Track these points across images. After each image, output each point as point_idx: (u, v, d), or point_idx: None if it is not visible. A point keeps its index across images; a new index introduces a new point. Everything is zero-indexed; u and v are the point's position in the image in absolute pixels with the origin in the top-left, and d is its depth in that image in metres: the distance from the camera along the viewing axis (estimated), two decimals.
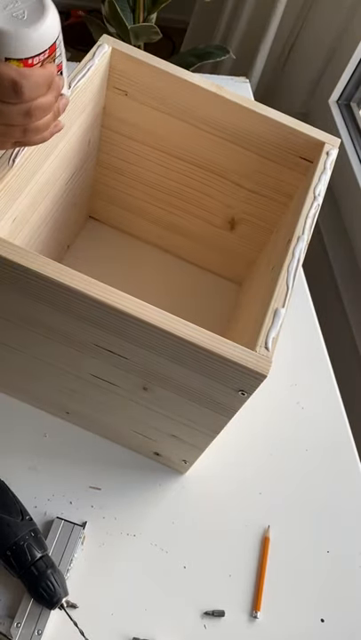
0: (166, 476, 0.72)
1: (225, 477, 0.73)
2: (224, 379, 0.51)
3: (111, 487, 0.70)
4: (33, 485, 0.67)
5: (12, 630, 0.57)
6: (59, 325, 0.54)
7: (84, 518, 0.66)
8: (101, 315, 0.50)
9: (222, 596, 0.65)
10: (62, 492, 0.68)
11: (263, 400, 0.75)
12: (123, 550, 0.66)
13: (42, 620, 0.58)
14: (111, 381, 0.59)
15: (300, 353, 0.86)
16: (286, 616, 0.66)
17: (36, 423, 0.72)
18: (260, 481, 0.74)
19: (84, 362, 0.58)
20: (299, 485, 0.75)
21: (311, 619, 0.66)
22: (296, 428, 0.80)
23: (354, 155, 1.46)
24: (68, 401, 0.68)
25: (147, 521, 0.68)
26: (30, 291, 0.51)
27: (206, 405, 0.56)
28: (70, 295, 0.49)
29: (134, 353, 0.53)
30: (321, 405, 0.82)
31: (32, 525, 0.61)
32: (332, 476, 0.77)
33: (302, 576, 0.69)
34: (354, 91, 1.59)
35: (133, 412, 0.63)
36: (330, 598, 0.68)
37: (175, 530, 0.68)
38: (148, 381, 0.56)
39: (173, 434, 0.64)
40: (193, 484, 0.72)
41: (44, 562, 0.59)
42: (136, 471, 0.71)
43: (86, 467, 0.70)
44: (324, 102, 1.62)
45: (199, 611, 0.64)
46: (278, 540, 0.70)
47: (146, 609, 0.63)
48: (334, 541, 0.72)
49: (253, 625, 0.64)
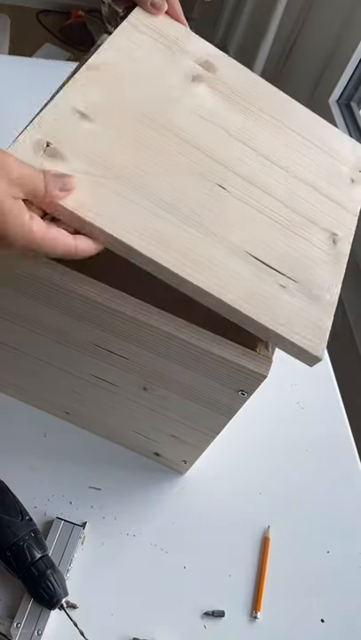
0: (166, 476, 0.72)
1: (225, 477, 0.73)
2: (224, 379, 0.51)
3: (111, 487, 0.69)
4: (33, 485, 0.67)
5: (12, 630, 0.57)
6: (59, 326, 0.54)
7: (84, 518, 0.66)
8: (101, 315, 0.50)
9: (222, 596, 0.65)
10: (62, 492, 0.68)
11: (263, 400, 0.75)
12: (123, 550, 0.66)
13: (42, 620, 0.58)
14: (111, 381, 0.59)
15: None
16: (286, 616, 0.66)
17: (36, 423, 0.72)
18: (260, 481, 0.74)
19: (83, 362, 0.58)
20: (299, 485, 0.75)
21: (311, 619, 0.66)
22: (296, 427, 0.80)
23: None
24: (68, 401, 0.68)
25: (147, 521, 0.68)
26: (30, 291, 0.51)
27: (206, 405, 0.56)
28: (70, 296, 0.49)
29: (134, 353, 0.53)
30: (321, 405, 0.82)
31: (32, 526, 0.61)
32: (332, 475, 0.77)
33: (302, 576, 0.68)
34: (354, 91, 1.59)
35: (133, 412, 0.63)
36: (330, 598, 0.68)
37: (175, 530, 0.68)
38: (148, 381, 0.56)
39: (173, 434, 0.64)
40: (193, 485, 0.72)
41: (44, 562, 0.59)
42: (136, 471, 0.71)
43: (86, 467, 0.70)
44: (325, 102, 1.62)
45: (199, 611, 0.64)
46: (278, 540, 0.70)
47: (146, 609, 0.63)
48: (334, 541, 0.72)
49: (253, 625, 0.64)
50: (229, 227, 0.51)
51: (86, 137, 0.49)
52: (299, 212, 0.56)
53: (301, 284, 0.51)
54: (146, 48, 0.59)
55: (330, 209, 0.58)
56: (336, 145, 0.65)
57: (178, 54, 0.61)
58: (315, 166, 0.61)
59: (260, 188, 0.55)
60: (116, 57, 0.56)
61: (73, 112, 0.50)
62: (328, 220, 0.57)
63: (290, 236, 0.54)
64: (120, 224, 0.46)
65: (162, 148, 0.53)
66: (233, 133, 0.58)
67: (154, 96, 0.56)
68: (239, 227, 0.52)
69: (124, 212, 0.47)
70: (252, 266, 0.50)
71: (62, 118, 0.49)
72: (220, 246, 0.49)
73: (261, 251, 0.51)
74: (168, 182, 0.51)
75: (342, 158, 0.64)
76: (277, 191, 0.56)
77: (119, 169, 0.49)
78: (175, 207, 0.50)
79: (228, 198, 0.53)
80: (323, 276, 0.53)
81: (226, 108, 0.60)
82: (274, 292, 0.49)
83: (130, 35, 0.59)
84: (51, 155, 0.47)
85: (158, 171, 0.51)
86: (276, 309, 0.48)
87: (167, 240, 0.47)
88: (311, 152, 0.62)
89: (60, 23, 2.64)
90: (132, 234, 0.46)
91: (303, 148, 0.62)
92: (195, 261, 0.47)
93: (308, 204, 0.57)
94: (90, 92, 0.52)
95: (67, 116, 0.50)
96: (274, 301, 0.48)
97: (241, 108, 0.61)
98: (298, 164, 0.60)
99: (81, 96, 0.51)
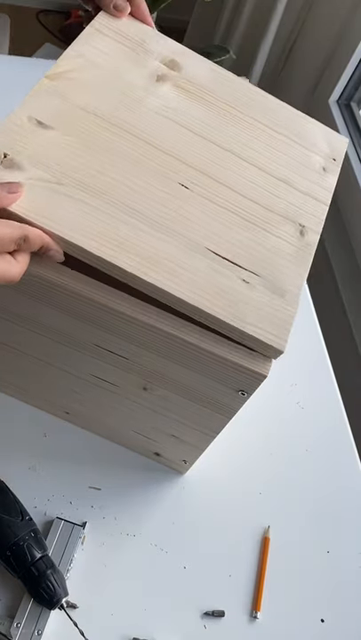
0: (166, 476, 0.72)
1: (225, 477, 0.73)
2: (224, 379, 0.51)
3: (111, 487, 0.69)
4: (33, 485, 0.67)
5: (12, 630, 0.57)
6: (59, 326, 0.54)
7: (83, 518, 0.66)
8: (101, 315, 0.50)
9: (222, 596, 0.65)
10: (62, 492, 0.68)
11: (263, 400, 0.75)
12: (123, 550, 0.66)
13: (42, 620, 0.58)
14: (111, 381, 0.59)
15: (300, 353, 0.86)
16: (286, 616, 0.66)
17: (36, 423, 0.72)
18: (260, 481, 0.74)
19: (84, 362, 0.58)
20: (299, 485, 0.75)
21: (311, 619, 0.66)
22: (296, 427, 0.80)
23: (354, 155, 1.46)
24: (68, 401, 0.68)
25: (147, 521, 0.68)
26: (30, 291, 0.51)
27: (206, 405, 0.56)
28: (70, 296, 0.49)
29: (134, 353, 0.53)
30: (321, 405, 0.82)
31: (32, 526, 0.61)
32: (332, 476, 0.77)
33: (302, 576, 0.69)
34: (354, 91, 1.59)
35: (133, 412, 0.63)
36: (330, 598, 0.68)
37: (175, 530, 0.68)
38: (148, 381, 0.56)
39: (173, 434, 0.64)
40: (193, 484, 0.72)
41: (44, 562, 0.59)
42: (136, 471, 0.71)
43: (86, 467, 0.70)
44: (324, 102, 1.62)
45: (199, 611, 0.64)
46: (278, 540, 0.70)
47: (146, 609, 0.63)
48: (334, 541, 0.72)
49: (253, 625, 0.64)
50: (191, 225, 0.51)
51: (44, 145, 0.50)
52: (265, 205, 0.56)
53: (264, 277, 0.51)
54: (109, 52, 0.59)
55: (298, 200, 0.58)
56: (309, 135, 0.65)
57: (142, 55, 0.61)
58: (285, 158, 0.61)
59: (224, 185, 0.55)
60: (77, 63, 0.57)
61: (31, 121, 0.51)
62: (296, 212, 0.57)
63: (255, 230, 0.54)
64: (73, 227, 0.47)
65: (122, 151, 0.53)
66: (198, 131, 0.58)
67: (116, 99, 0.56)
68: (201, 224, 0.52)
69: (80, 216, 0.48)
70: (211, 261, 0.50)
71: (20, 129, 0.50)
72: (179, 244, 0.50)
73: (223, 246, 0.51)
74: (128, 184, 0.51)
75: (316, 148, 0.64)
76: (243, 186, 0.56)
77: (77, 174, 0.50)
78: (134, 208, 0.50)
79: (190, 197, 0.53)
80: (288, 268, 0.53)
81: (191, 106, 0.59)
82: (235, 287, 0.49)
83: (93, 40, 0.59)
84: (8, 166, 0.48)
85: (118, 173, 0.51)
86: (237, 303, 0.48)
87: (124, 240, 0.48)
88: (282, 144, 0.62)
89: (60, 23, 2.64)
90: (86, 236, 0.47)
91: (273, 140, 0.62)
92: (152, 260, 0.48)
93: (276, 197, 0.57)
94: (49, 100, 0.53)
95: (25, 126, 0.51)
96: (235, 296, 0.49)
97: (207, 105, 0.60)
98: (266, 157, 0.60)
99: (40, 105, 0.52)
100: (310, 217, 0.57)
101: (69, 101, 0.54)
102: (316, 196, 0.59)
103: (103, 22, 0.61)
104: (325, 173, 0.62)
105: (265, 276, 0.51)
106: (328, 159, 0.63)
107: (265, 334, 0.48)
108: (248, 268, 0.51)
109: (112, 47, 0.60)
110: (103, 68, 0.58)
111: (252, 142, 0.60)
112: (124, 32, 0.61)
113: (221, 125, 0.60)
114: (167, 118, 0.57)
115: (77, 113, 0.54)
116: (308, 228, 0.56)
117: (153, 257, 0.48)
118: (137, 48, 0.61)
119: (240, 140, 0.59)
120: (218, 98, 0.62)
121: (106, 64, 0.58)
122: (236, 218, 0.54)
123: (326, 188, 0.61)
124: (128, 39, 0.61)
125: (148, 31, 0.63)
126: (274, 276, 0.51)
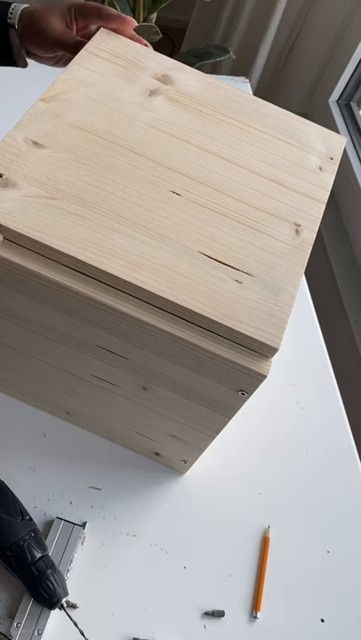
0: (166, 476, 0.72)
1: (225, 477, 0.73)
2: (224, 379, 0.51)
3: (111, 487, 0.70)
4: (33, 485, 0.67)
5: (12, 630, 0.57)
6: (59, 326, 0.55)
7: (84, 518, 0.66)
8: (102, 315, 0.50)
9: (222, 596, 0.65)
10: (62, 492, 0.68)
11: (263, 400, 0.75)
12: (123, 550, 0.66)
13: (42, 620, 0.58)
14: (111, 381, 0.59)
15: (300, 353, 0.86)
16: (286, 616, 0.66)
17: (36, 423, 0.72)
18: (260, 481, 0.74)
19: (84, 362, 0.58)
20: (299, 485, 0.75)
21: (311, 619, 0.66)
22: (296, 427, 0.80)
23: (354, 155, 1.46)
24: (68, 401, 0.68)
25: (147, 521, 0.68)
26: (30, 291, 0.51)
27: (206, 405, 0.56)
28: (71, 296, 0.49)
29: (134, 353, 0.53)
30: (321, 405, 0.82)
31: (32, 525, 0.61)
32: (332, 475, 0.77)
33: (302, 576, 0.69)
34: (354, 91, 1.59)
35: (134, 413, 0.63)
36: (330, 598, 0.68)
37: (175, 530, 0.68)
38: (148, 381, 0.57)
39: (173, 434, 0.64)
40: (193, 484, 0.72)
41: (44, 562, 0.59)
42: (136, 471, 0.71)
43: (86, 467, 0.70)
44: (325, 102, 1.62)
45: (199, 611, 0.64)
46: (278, 540, 0.70)
47: (146, 609, 0.63)
48: (334, 541, 0.72)
49: (253, 625, 0.64)
50: (183, 230, 0.52)
51: (39, 163, 0.52)
52: (258, 207, 0.57)
53: (258, 276, 0.51)
54: (103, 72, 0.61)
55: (294, 200, 0.59)
56: (304, 136, 0.65)
57: (136, 73, 0.63)
58: (278, 159, 0.61)
59: (216, 189, 0.56)
60: (72, 85, 0.59)
61: (26, 142, 0.53)
62: (291, 212, 0.57)
63: (249, 232, 0.54)
64: (67, 238, 0.48)
65: (114, 164, 0.55)
66: (189, 139, 0.59)
67: (109, 116, 0.58)
68: (193, 229, 0.53)
69: (74, 227, 0.49)
70: (205, 265, 0.51)
71: (16, 149, 0.53)
72: (172, 250, 0.51)
73: (216, 249, 0.52)
74: (120, 195, 0.53)
75: (311, 149, 0.64)
76: (235, 190, 0.57)
77: (70, 188, 0.52)
78: (126, 217, 0.51)
79: (182, 203, 0.54)
80: (283, 266, 0.53)
81: (182, 116, 0.61)
82: (229, 288, 0.50)
83: (87, 62, 0.61)
84: (3, 185, 0.50)
85: (110, 185, 0.53)
86: (231, 304, 0.49)
87: (117, 249, 0.49)
88: (275, 146, 0.62)
89: None
90: (79, 246, 0.48)
91: (267, 144, 0.62)
92: (145, 266, 0.49)
93: (269, 198, 0.58)
94: (44, 121, 0.56)
95: (20, 146, 0.53)
96: (229, 296, 0.49)
97: (198, 114, 0.62)
98: (260, 161, 0.60)
99: (35, 127, 0.55)
100: (306, 215, 0.58)
101: (64, 121, 0.56)
102: (312, 194, 0.60)
103: (98, 45, 0.63)
104: (322, 172, 0.62)
105: (259, 275, 0.52)
106: (325, 158, 0.64)
107: (259, 332, 0.48)
108: (241, 269, 0.51)
109: (106, 67, 0.62)
110: (97, 87, 0.60)
111: (243, 146, 0.61)
112: (118, 53, 0.64)
113: (213, 132, 0.61)
114: (158, 130, 0.59)
115: (71, 131, 0.56)
116: (303, 227, 0.57)
117: (146, 263, 0.49)
118: (130, 67, 0.63)
119: (232, 145, 0.61)
120: (210, 107, 0.63)
121: (100, 84, 0.60)
122: (228, 221, 0.54)
123: (323, 186, 0.61)
124: (121, 59, 0.63)
125: (142, 50, 0.65)
126: (268, 274, 0.52)
